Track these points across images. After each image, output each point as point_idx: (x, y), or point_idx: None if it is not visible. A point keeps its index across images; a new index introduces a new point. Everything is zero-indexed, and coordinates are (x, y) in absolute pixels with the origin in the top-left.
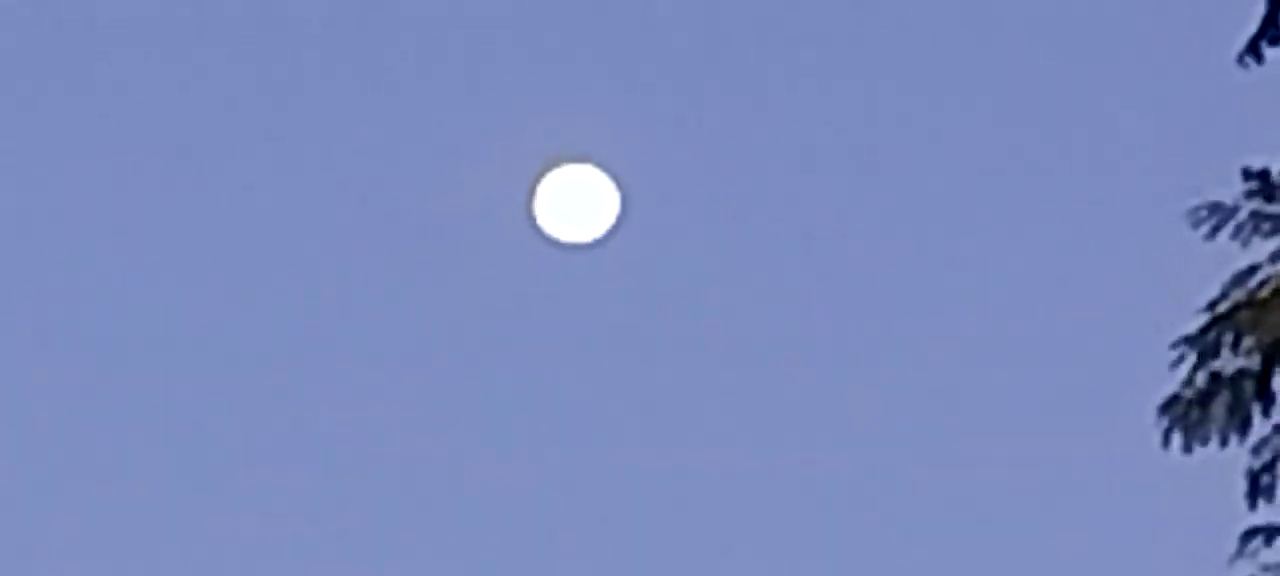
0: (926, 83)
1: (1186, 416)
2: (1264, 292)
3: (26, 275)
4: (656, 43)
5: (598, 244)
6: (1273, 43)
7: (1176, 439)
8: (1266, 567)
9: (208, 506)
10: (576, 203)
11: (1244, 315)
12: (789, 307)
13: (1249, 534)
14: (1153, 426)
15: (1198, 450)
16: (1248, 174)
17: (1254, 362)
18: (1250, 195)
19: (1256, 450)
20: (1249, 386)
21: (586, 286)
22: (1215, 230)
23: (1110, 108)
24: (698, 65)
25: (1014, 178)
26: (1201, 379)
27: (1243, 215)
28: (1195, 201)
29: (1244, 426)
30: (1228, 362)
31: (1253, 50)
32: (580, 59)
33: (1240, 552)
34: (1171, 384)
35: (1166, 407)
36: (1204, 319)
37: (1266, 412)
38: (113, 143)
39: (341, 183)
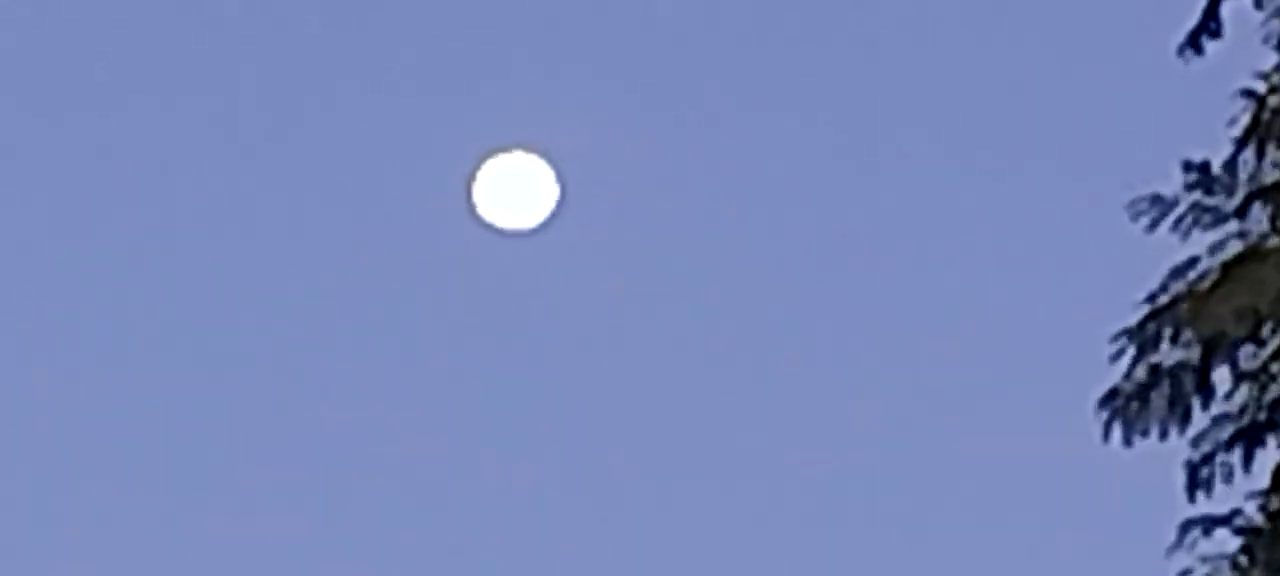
0: (861, 76)
1: (1126, 409)
2: (1203, 285)
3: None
4: (593, 30)
5: (537, 231)
6: (1212, 36)
7: (1116, 432)
8: (1204, 558)
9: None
10: (516, 190)
11: (1184, 308)
12: (727, 294)
13: (1187, 525)
14: (1093, 419)
15: (1138, 442)
16: (1188, 166)
17: (1193, 355)
18: (1190, 188)
19: (1196, 443)
20: (1188, 379)
21: (526, 273)
22: (1155, 222)
23: (1051, 101)
24: (634, 52)
25: (953, 170)
26: (1141, 372)
27: (1182, 207)
28: (1135, 194)
29: (1183, 419)
30: (1167, 355)
31: (1192, 43)
32: (518, 47)
33: (1179, 543)
34: (1111, 377)
35: (1106, 400)
36: (1144, 311)
37: (1206, 405)
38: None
39: (281, 174)
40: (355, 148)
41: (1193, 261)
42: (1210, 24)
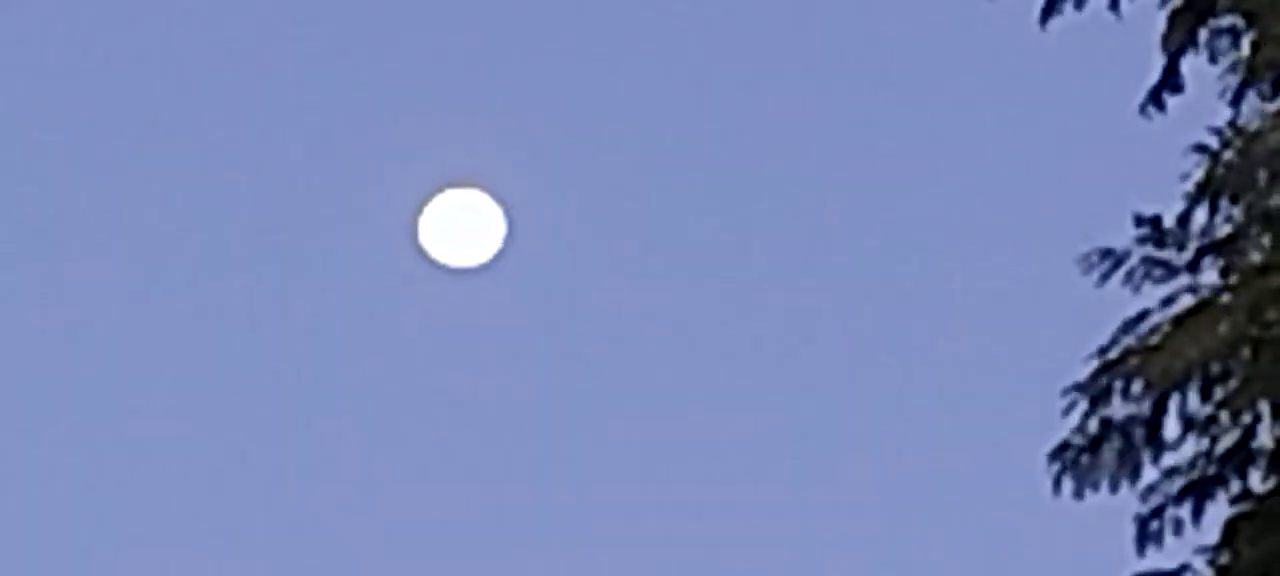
0: (809, 126)
1: (1077, 462)
2: (1154, 338)
3: None
4: (541, 65)
5: (484, 268)
6: (1174, 91)
7: (1067, 484)
8: None
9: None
10: (463, 227)
11: (1134, 361)
12: (676, 329)
13: None
14: (1044, 472)
15: (1088, 495)
16: (1140, 220)
17: (1144, 409)
18: (1142, 241)
19: (1146, 496)
20: (1139, 432)
21: (473, 310)
22: (1106, 276)
23: (1006, 154)
24: (583, 88)
25: (906, 223)
26: (1092, 425)
27: (1134, 261)
28: (1087, 247)
29: (1134, 472)
30: (1118, 409)
31: (1154, 99)
32: (466, 82)
33: None
34: (1063, 430)
35: (1057, 453)
36: (1095, 365)
37: (1156, 459)
38: None
39: (225, 207)
40: (302, 183)
41: (1144, 315)
42: (1172, 80)
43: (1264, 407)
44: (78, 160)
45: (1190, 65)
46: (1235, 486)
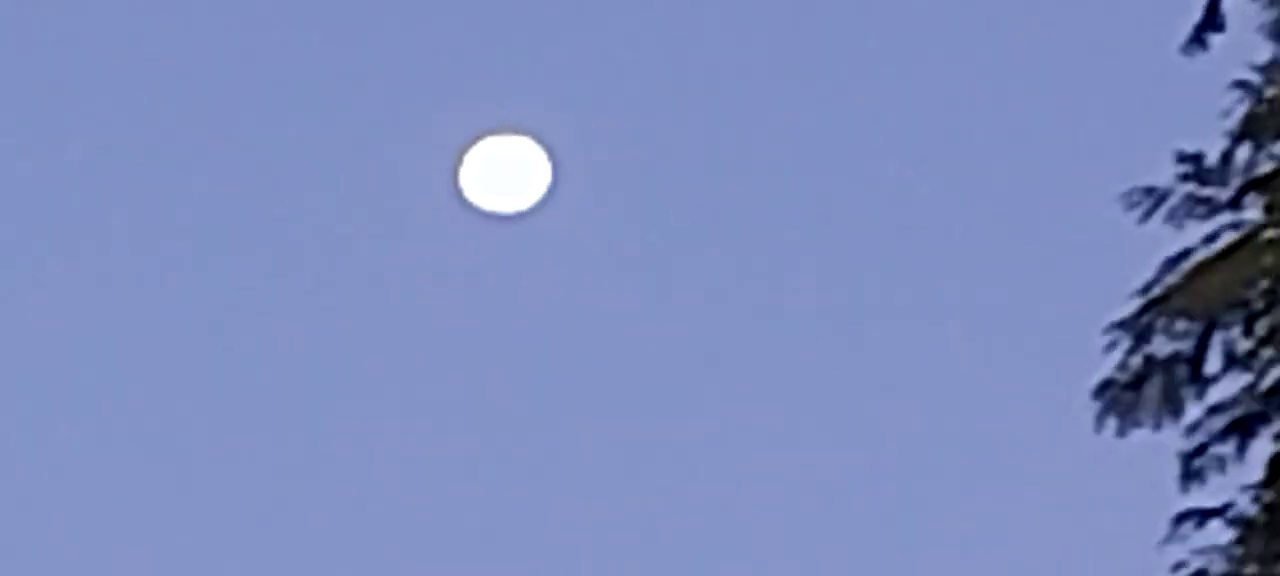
0: (856, 65)
1: (1120, 400)
2: (1197, 272)
3: None
4: (585, 11)
5: (528, 214)
6: (1216, 29)
7: (1110, 422)
8: (1198, 550)
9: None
10: (506, 173)
11: (1177, 297)
12: (721, 276)
13: (1181, 517)
14: (1087, 409)
15: (1132, 433)
16: (1181, 157)
17: (1187, 346)
18: (1184, 179)
19: (1189, 433)
20: (1182, 370)
21: (517, 257)
22: (1149, 214)
23: (1046, 95)
24: (628, 35)
25: (950, 163)
26: (1135, 363)
27: (1176, 199)
28: (1130, 186)
29: (1177, 409)
30: (1161, 346)
31: (1197, 38)
32: (511, 26)
33: (1172, 535)
34: (1106, 368)
35: (1101, 391)
36: (1138, 303)
37: (1199, 396)
38: None
39: (267, 154)
40: (345, 130)
41: (1186, 253)
42: (1213, 18)
43: None
44: (118, 121)
45: (1232, 3)
46: (1279, 423)
